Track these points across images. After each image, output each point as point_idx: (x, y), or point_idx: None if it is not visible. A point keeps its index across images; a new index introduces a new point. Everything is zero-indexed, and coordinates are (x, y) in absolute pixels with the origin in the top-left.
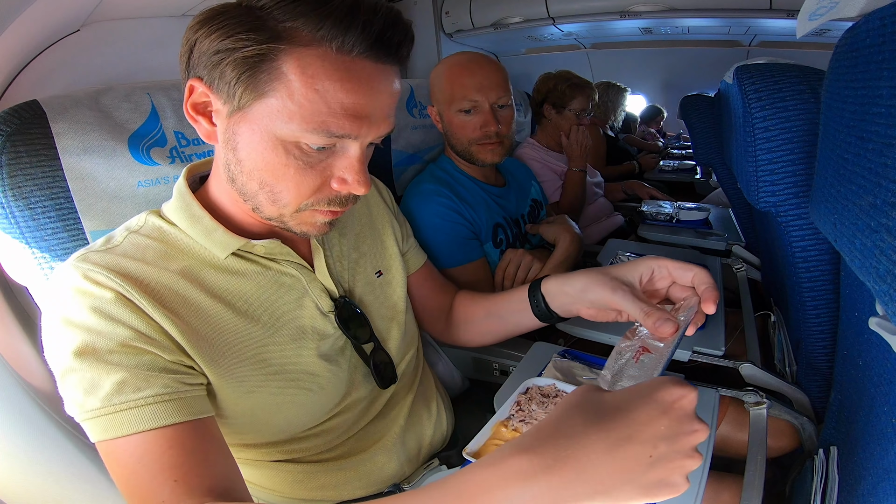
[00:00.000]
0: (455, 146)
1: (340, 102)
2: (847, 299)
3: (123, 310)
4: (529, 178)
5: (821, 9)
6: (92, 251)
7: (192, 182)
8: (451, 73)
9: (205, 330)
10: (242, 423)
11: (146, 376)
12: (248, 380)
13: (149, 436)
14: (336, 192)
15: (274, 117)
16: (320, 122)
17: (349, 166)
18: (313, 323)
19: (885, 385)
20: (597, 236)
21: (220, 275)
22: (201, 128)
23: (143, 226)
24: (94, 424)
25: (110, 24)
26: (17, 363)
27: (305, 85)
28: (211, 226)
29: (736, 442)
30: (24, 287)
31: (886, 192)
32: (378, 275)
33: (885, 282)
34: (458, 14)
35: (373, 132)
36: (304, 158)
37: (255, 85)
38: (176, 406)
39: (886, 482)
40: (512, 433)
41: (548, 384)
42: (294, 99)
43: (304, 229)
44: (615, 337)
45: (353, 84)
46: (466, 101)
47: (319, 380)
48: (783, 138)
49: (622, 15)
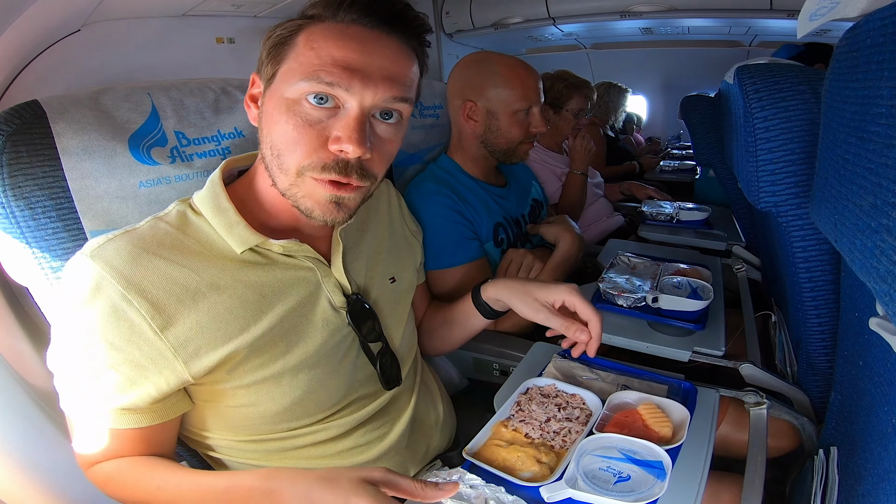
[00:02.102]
0: (497, 143)
1: (331, 55)
2: (847, 299)
3: (120, 322)
4: (530, 178)
5: (821, 9)
6: (110, 241)
7: (229, 176)
8: (509, 74)
9: (207, 322)
10: (242, 416)
11: (123, 388)
12: (252, 371)
13: (115, 430)
14: (333, 155)
15: (283, 81)
16: (312, 72)
17: (345, 125)
18: (325, 317)
19: (885, 385)
20: (597, 236)
21: (234, 267)
22: (251, 112)
23: (168, 212)
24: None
25: (110, 24)
26: (17, 363)
27: (306, 47)
28: (234, 219)
29: (736, 442)
30: (25, 287)
31: (887, 192)
32: (391, 281)
33: (885, 282)
34: (459, 14)
35: (369, 90)
36: (303, 115)
37: (277, 59)
38: (135, 417)
39: (887, 483)
40: (512, 433)
41: (548, 384)
42: (297, 59)
43: (310, 205)
44: (615, 337)
45: (343, 41)
46: (526, 102)
47: (322, 375)
48: (784, 138)
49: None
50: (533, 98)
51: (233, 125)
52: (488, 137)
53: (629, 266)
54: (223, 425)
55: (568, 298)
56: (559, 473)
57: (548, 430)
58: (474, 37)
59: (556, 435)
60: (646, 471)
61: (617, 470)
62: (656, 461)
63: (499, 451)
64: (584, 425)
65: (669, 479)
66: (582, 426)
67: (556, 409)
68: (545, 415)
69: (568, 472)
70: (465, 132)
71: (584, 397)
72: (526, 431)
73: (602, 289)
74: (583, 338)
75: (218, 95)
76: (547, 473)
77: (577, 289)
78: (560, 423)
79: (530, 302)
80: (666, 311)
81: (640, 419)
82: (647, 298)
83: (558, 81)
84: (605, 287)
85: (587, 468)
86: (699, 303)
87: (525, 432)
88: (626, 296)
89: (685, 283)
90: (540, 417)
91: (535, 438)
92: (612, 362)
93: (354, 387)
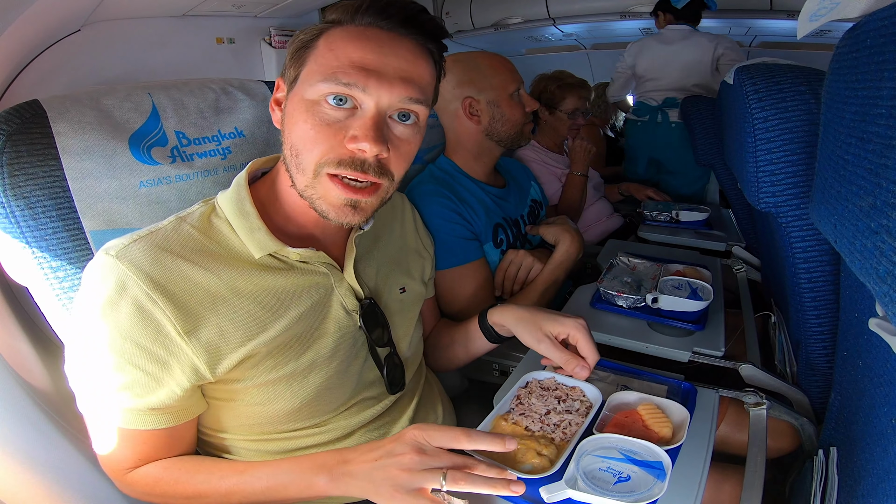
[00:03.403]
0: (503, 130)
1: (348, 56)
2: (847, 300)
3: (146, 321)
4: (529, 178)
5: (822, 9)
6: (134, 241)
7: (253, 177)
8: (491, 62)
9: (226, 325)
10: (252, 414)
11: (150, 388)
12: (266, 371)
13: (144, 433)
14: (350, 152)
15: (304, 84)
16: (331, 73)
17: (362, 124)
18: (337, 320)
19: (885, 386)
20: (596, 237)
21: (253, 271)
22: (275, 115)
23: (192, 212)
24: (88, 402)
25: (110, 24)
26: (17, 363)
27: (326, 49)
28: (256, 224)
29: (736, 442)
30: (25, 287)
31: (887, 193)
32: (401, 291)
33: (885, 283)
34: (459, 14)
35: (384, 89)
36: (322, 116)
37: (299, 63)
38: (164, 417)
39: (886, 483)
40: (512, 426)
41: (548, 378)
42: (317, 62)
43: (325, 207)
44: (615, 338)
45: (361, 43)
46: (515, 83)
47: (331, 377)
48: (784, 139)
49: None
50: (518, 78)
51: (233, 125)
52: (494, 127)
53: (629, 266)
54: (233, 424)
55: (573, 334)
56: (560, 466)
57: (548, 423)
58: (474, 37)
59: (556, 427)
60: (646, 471)
61: (617, 470)
62: (656, 461)
63: None
64: (584, 417)
65: (669, 479)
66: (582, 418)
67: (556, 401)
68: (545, 407)
69: (568, 473)
70: (465, 131)
71: (584, 390)
72: (526, 424)
73: (602, 289)
74: (582, 375)
75: (218, 95)
76: (547, 466)
77: (585, 325)
78: (560, 416)
79: (534, 332)
80: (666, 312)
81: (640, 419)
82: (646, 299)
83: (551, 83)
84: (604, 287)
85: (587, 468)
86: (699, 303)
87: (525, 425)
88: (625, 296)
89: (685, 283)
90: (540, 410)
91: (535, 431)
92: (611, 362)
93: (359, 390)
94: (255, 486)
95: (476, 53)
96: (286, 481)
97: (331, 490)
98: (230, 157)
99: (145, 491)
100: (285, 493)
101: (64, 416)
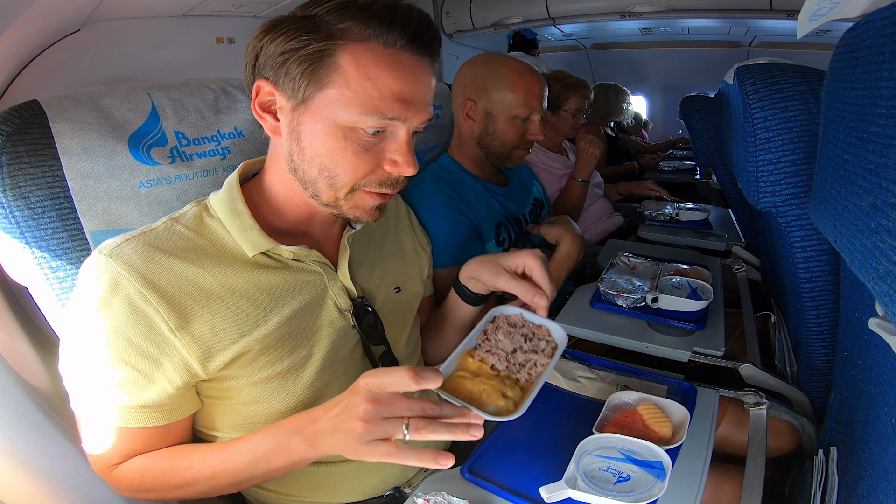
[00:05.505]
0: (492, 145)
1: (390, 88)
2: (847, 300)
3: (138, 318)
4: (531, 177)
5: (821, 9)
6: (127, 241)
7: (244, 178)
8: (515, 79)
9: (219, 322)
10: (246, 413)
11: (141, 385)
12: (260, 369)
13: (134, 430)
14: (388, 173)
15: (334, 106)
16: (374, 106)
17: (399, 149)
18: (331, 319)
19: (884, 386)
20: (597, 237)
21: (246, 269)
22: (267, 123)
23: (184, 213)
24: (81, 399)
25: (110, 24)
26: (17, 363)
27: (360, 74)
28: (248, 223)
29: (736, 442)
30: (24, 287)
31: (887, 192)
32: (397, 290)
33: (885, 283)
34: (459, 14)
35: (417, 117)
36: (360, 142)
37: (316, 78)
38: (155, 415)
39: (886, 483)
40: (478, 364)
41: (515, 313)
42: (350, 87)
43: (357, 214)
44: (615, 337)
45: (399, 72)
46: (527, 109)
47: (325, 375)
48: (784, 139)
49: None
50: (535, 105)
51: (233, 125)
52: (484, 139)
53: (629, 266)
54: (227, 423)
55: (528, 262)
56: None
57: (513, 363)
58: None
59: (521, 367)
60: (646, 471)
61: (617, 470)
62: (656, 461)
63: (464, 382)
64: (549, 358)
65: (669, 479)
66: (548, 359)
67: (523, 339)
68: (511, 345)
69: (568, 473)
70: (465, 131)
71: (549, 328)
72: (492, 363)
73: (602, 289)
74: (542, 304)
75: (218, 95)
76: (511, 408)
77: (541, 254)
78: (526, 355)
79: (493, 268)
80: (666, 312)
81: (640, 419)
82: (646, 299)
83: (555, 83)
84: (604, 287)
85: (587, 468)
86: (699, 303)
87: (491, 363)
88: (625, 296)
89: (685, 283)
90: (506, 348)
91: (501, 371)
92: (611, 362)
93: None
94: (238, 462)
95: (511, 65)
96: (266, 450)
97: (309, 452)
98: (230, 157)
99: (134, 486)
100: (268, 464)
101: (63, 415)
